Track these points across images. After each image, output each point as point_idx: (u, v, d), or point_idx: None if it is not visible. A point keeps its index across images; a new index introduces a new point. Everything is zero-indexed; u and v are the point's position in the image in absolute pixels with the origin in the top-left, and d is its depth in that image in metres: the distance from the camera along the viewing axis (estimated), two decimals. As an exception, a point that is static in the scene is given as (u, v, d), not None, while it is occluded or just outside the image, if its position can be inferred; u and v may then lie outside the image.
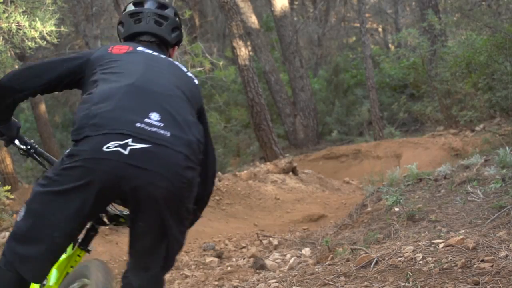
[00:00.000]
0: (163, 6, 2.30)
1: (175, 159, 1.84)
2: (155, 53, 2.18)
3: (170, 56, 2.33)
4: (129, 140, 1.80)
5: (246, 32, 12.70)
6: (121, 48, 2.15)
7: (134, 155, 1.79)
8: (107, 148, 1.78)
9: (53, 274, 2.13)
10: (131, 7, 2.31)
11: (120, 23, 2.32)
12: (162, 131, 1.85)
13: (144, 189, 1.81)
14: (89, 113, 1.84)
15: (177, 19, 2.34)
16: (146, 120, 1.86)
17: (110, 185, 1.81)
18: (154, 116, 1.88)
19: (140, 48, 2.17)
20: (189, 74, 2.24)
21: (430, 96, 12.73)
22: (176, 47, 2.42)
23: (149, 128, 1.84)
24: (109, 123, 1.82)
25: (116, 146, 1.78)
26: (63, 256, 2.10)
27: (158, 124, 1.86)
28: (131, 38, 2.26)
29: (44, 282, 2.08)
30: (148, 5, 2.26)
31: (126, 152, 1.78)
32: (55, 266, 2.07)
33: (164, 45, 2.29)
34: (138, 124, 1.84)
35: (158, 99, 1.93)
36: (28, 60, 13.24)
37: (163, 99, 1.95)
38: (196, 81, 2.24)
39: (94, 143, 1.79)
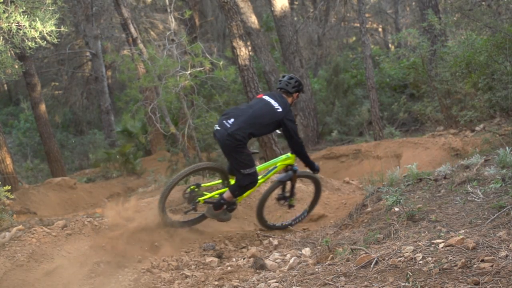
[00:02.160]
0: (290, 78, 5.79)
1: (224, 134, 5.34)
2: (266, 98, 5.62)
3: (293, 98, 5.78)
4: (217, 126, 5.48)
5: (246, 32, 12.70)
6: (259, 95, 5.81)
7: (216, 131, 5.46)
8: (215, 128, 5.53)
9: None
10: (280, 78, 5.86)
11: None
12: (228, 126, 5.35)
13: (218, 142, 5.53)
14: (221, 117, 5.62)
15: (296, 83, 5.76)
16: (228, 121, 5.40)
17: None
18: (231, 120, 5.39)
19: (264, 96, 5.68)
20: (275, 106, 5.51)
21: (430, 96, 12.72)
22: (297, 93, 5.80)
23: (225, 123, 5.39)
24: (218, 122, 5.54)
25: (216, 127, 5.50)
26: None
27: (230, 123, 5.36)
28: (279, 88, 5.79)
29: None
30: (284, 78, 5.81)
31: (214, 129, 5.54)
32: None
33: (287, 93, 5.75)
34: (224, 122, 5.42)
35: (238, 115, 5.43)
36: (28, 60, 13.23)
37: (240, 115, 5.41)
38: (279, 110, 5.49)
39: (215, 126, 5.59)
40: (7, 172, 10.03)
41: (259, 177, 5.74)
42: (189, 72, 9.73)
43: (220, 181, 5.93)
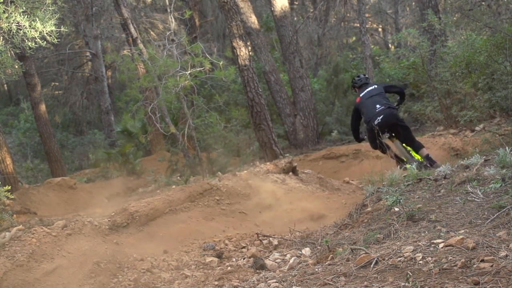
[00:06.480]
0: (364, 75, 8.03)
1: (389, 112, 7.26)
2: (365, 91, 7.58)
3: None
4: (378, 118, 7.19)
5: (246, 32, 12.71)
6: (360, 95, 7.59)
7: (382, 118, 7.20)
8: (375, 122, 7.23)
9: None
10: (357, 79, 7.88)
11: (354, 81, 7.93)
12: (385, 106, 7.28)
13: (389, 122, 7.28)
14: (369, 115, 7.37)
15: (368, 76, 8.15)
16: (380, 107, 7.28)
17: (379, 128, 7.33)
18: (381, 106, 7.29)
19: (363, 94, 7.53)
20: (373, 87, 7.59)
21: (430, 96, 12.72)
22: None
23: (381, 109, 7.26)
24: (371, 116, 7.30)
25: (378, 120, 7.20)
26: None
27: (383, 106, 7.28)
28: (360, 86, 7.79)
29: None
30: (361, 76, 7.91)
31: (378, 122, 7.19)
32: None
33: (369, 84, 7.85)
34: (379, 111, 7.26)
35: (377, 102, 7.35)
36: (28, 60, 13.23)
37: (377, 101, 7.35)
38: (377, 86, 7.61)
39: (372, 122, 7.26)
40: (7, 172, 10.03)
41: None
42: (189, 72, 9.73)
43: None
